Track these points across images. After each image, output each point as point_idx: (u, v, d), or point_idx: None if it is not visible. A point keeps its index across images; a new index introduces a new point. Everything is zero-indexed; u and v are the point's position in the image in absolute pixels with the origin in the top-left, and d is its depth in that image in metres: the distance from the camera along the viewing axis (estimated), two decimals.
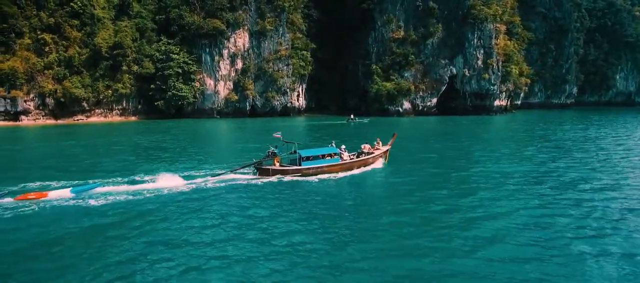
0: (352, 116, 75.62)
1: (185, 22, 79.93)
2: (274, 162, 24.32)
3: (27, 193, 19.12)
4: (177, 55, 78.64)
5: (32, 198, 18.29)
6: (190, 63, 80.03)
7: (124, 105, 78.99)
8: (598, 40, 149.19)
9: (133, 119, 79.46)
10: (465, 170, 26.08)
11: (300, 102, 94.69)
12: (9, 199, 18.23)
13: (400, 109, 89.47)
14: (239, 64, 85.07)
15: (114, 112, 78.44)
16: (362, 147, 27.48)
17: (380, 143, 28.13)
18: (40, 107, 71.34)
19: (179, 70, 78.33)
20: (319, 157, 24.79)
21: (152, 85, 78.27)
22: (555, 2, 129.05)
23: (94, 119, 75.42)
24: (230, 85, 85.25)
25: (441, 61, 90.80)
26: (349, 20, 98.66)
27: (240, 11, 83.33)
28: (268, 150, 24.79)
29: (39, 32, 70.31)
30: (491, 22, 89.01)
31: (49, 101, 71.26)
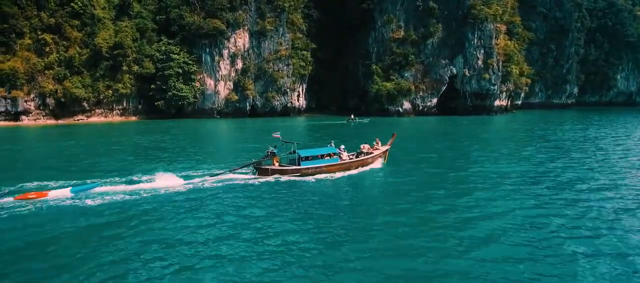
0: (352, 116, 75.52)
1: (186, 22, 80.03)
2: (273, 162, 24.32)
3: (27, 192, 19.14)
4: (177, 55, 78.76)
5: (33, 198, 18.33)
6: (190, 63, 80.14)
7: (124, 105, 79.15)
8: (599, 40, 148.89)
9: (133, 119, 79.59)
10: (464, 170, 26.07)
11: (300, 102, 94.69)
12: (10, 199, 18.30)
13: (401, 109, 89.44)
14: (239, 64, 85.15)
15: (115, 112, 78.60)
16: (361, 147, 27.46)
17: (379, 143, 28.11)
18: (41, 107, 71.52)
19: (179, 70, 78.45)
20: (318, 157, 24.78)
21: (153, 85, 78.42)
22: (556, 2, 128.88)
23: (94, 119, 75.57)
24: (230, 85, 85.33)
25: (441, 61, 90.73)
26: (349, 20, 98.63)
27: (240, 11, 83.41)
28: (267, 150, 24.80)
29: (39, 33, 70.50)
30: (491, 22, 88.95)
31: (50, 101, 71.44)
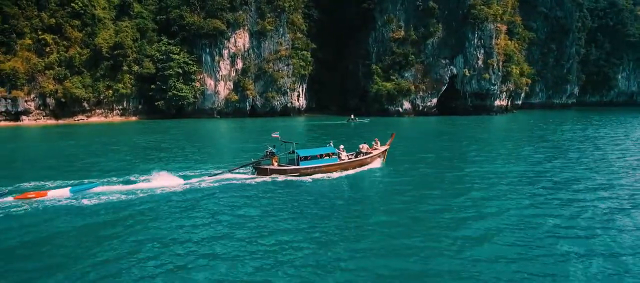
0: (352, 116, 75.55)
1: (186, 23, 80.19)
2: (272, 161, 24.33)
3: (26, 192, 19.17)
4: (177, 55, 78.92)
5: (32, 198, 18.38)
6: (190, 63, 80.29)
7: (124, 105, 79.34)
8: (600, 40, 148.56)
9: (133, 119, 79.77)
10: (461, 170, 26.08)
11: (300, 102, 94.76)
12: (9, 198, 18.37)
13: (401, 109, 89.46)
14: (239, 64, 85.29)
15: (115, 112, 78.80)
16: (360, 147, 27.49)
17: (378, 143, 28.14)
18: (41, 107, 71.74)
19: (179, 71, 78.61)
20: (317, 157, 24.78)
21: (153, 85, 78.60)
22: (557, 2, 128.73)
23: (94, 119, 75.76)
24: (230, 85, 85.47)
25: (441, 61, 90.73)
26: (350, 20, 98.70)
27: (241, 11, 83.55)
28: (266, 150, 24.84)
29: (39, 33, 70.73)
30: (492, 21, 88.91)
31: (50, 101, 71.65)
